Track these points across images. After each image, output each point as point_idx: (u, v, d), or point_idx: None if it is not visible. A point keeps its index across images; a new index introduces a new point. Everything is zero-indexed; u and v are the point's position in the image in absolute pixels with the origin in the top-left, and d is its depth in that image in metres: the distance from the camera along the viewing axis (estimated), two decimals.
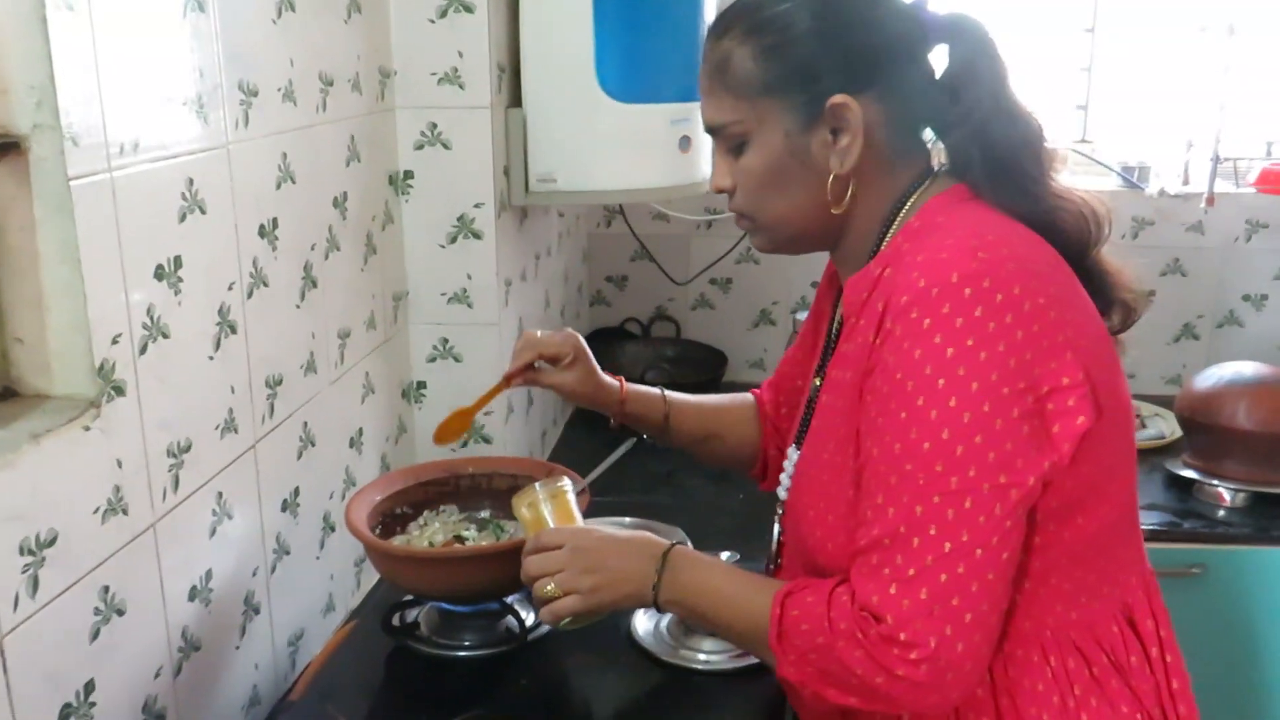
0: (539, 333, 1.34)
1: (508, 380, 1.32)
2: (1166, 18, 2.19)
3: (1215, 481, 1.85)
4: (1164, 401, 2.13)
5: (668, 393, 1.37)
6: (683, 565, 1.04)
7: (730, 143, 1.03)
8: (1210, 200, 2.14)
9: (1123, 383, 0.98)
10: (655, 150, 1.66)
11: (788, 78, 0.99)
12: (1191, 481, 1.87)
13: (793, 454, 1.14)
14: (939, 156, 1.06)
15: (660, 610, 1.06)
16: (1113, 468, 0.96)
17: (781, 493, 1.15)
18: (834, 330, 1.14)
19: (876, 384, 0.91)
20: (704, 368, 2.34)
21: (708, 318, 2.45)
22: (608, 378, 1.35)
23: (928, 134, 1.06)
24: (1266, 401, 1.82)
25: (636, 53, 1.63)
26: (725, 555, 1.53)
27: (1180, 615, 1.06)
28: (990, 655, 0.89)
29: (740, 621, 1.00)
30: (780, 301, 2.41)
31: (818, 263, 2.37)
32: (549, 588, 1.05)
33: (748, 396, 1.40)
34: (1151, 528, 1.75)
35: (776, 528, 1.16)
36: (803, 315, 1.97)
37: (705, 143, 1.76)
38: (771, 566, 1.18)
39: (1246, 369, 1.89)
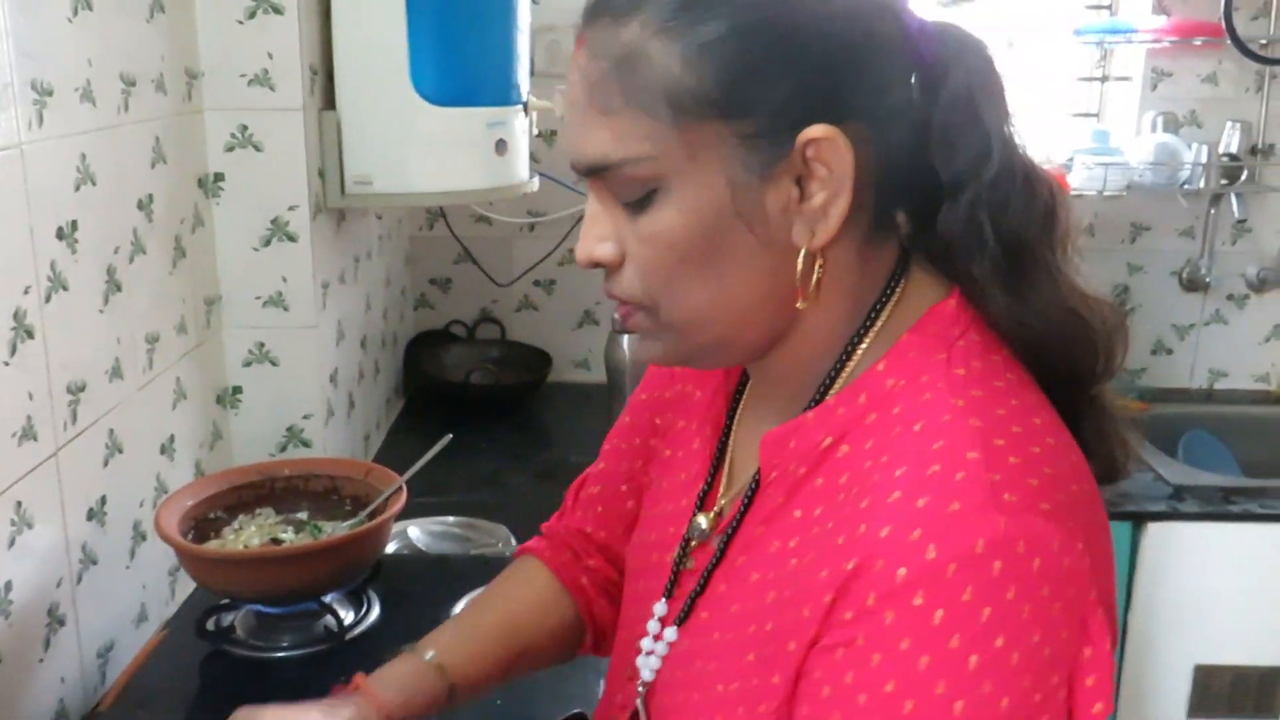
0: None
1: None
2: None
3: None
4: None
5: (429, 652, 0.91)
6: None
7: (626, 190, 0.67)
8: None
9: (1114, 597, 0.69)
10: (472, 153, 1.69)
11: (743, 92, 0.64)
12: None
13: (669, 633, 0.79)
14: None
15: None
16: None
17: (646, 673, 0.80)
18: (728, 464, 0.82)
19: (846, 680, 0.61)
20: (529, 368, 2.37)
21: (532, 319, 2.48)
22: (347, 711, 0.85)
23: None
24: None
25: (451, 56, 1.65)
26: None
27: None
28: None
29: None
30: (602, 302, 2.46)
31: None
32: None
33: (523, 567, 1.01)
34: None
35: (639, 708, 0.81)
36: None
37: (522, 146, 1.80)
38: None
39: None
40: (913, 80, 0.68)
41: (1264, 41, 2.28)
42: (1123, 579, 1.96)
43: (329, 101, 1.64)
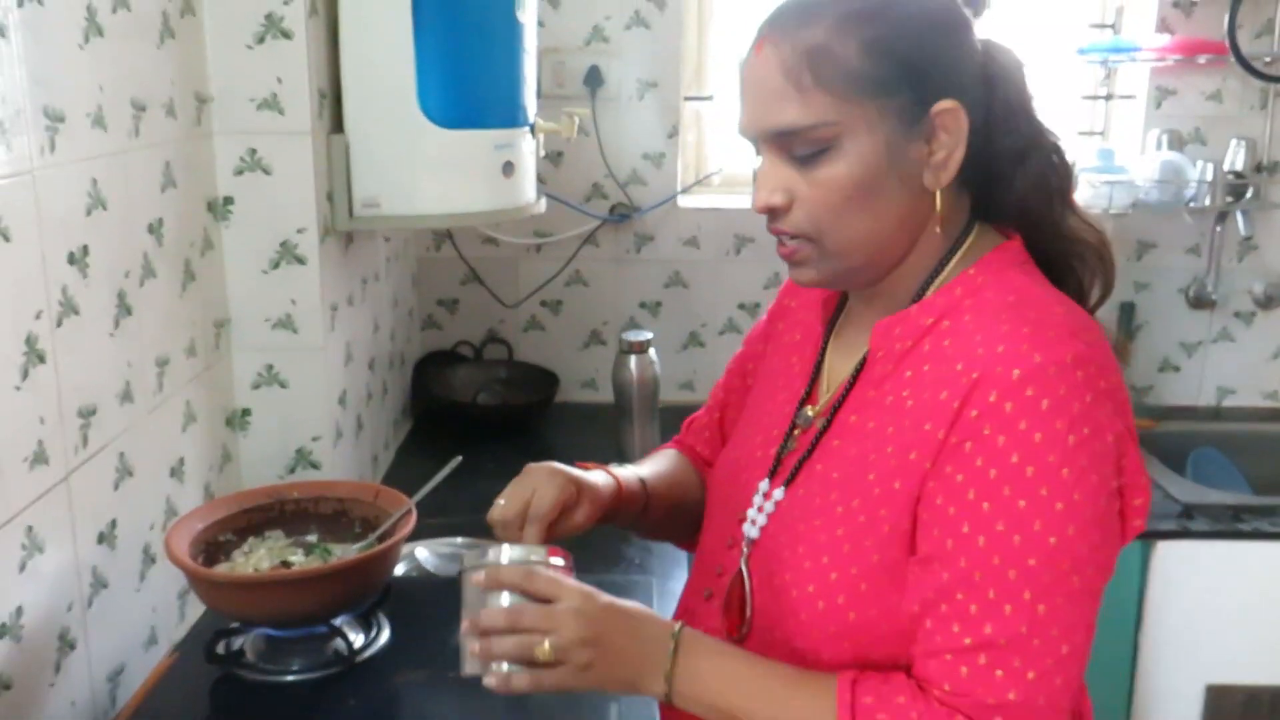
0: (502, 502, 1.03)
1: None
2: None
3: None
4: None
5: (631, 469, 1.15)
6: (700, 651, 0.91)
7: (804, 149, 0.89)
8: None
9: None
10: (479, 175, 1.70)
11: (896, 75, 0.87)
12: None
13: (777, 493, 0.98)
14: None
15: (670, 702, 0.91)
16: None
17: (753, 532, 0.99)
18: (828, 363, 1.03)
19: (977, 464, 0.83)
20: (536, 389, 2.37)
21: (539, 339, 2.49)
22: (598, 475, 1.10)
23: None
24: None
25: (458, 79, 1.66)
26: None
27: None
28: None
29: (785, 714, 0.88)
30: (610, 322, 2.47)
31: (645, 283, 2.45)
32: (544, 647, 0.88)
33: (673, 451, 1.25)
34: None
35: (742, 568, 0.99)
36: (632, 335, 2.04)
37: (529, 167, 1.81)
38: (714, 603, 1.03)
39: None
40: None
41: (1268, 59, 2.28)
42: (1133, 598, 1.95)
43: (337, 125, 1.65)
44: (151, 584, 1.37)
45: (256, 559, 1.31)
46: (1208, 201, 2.31)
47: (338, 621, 1.28)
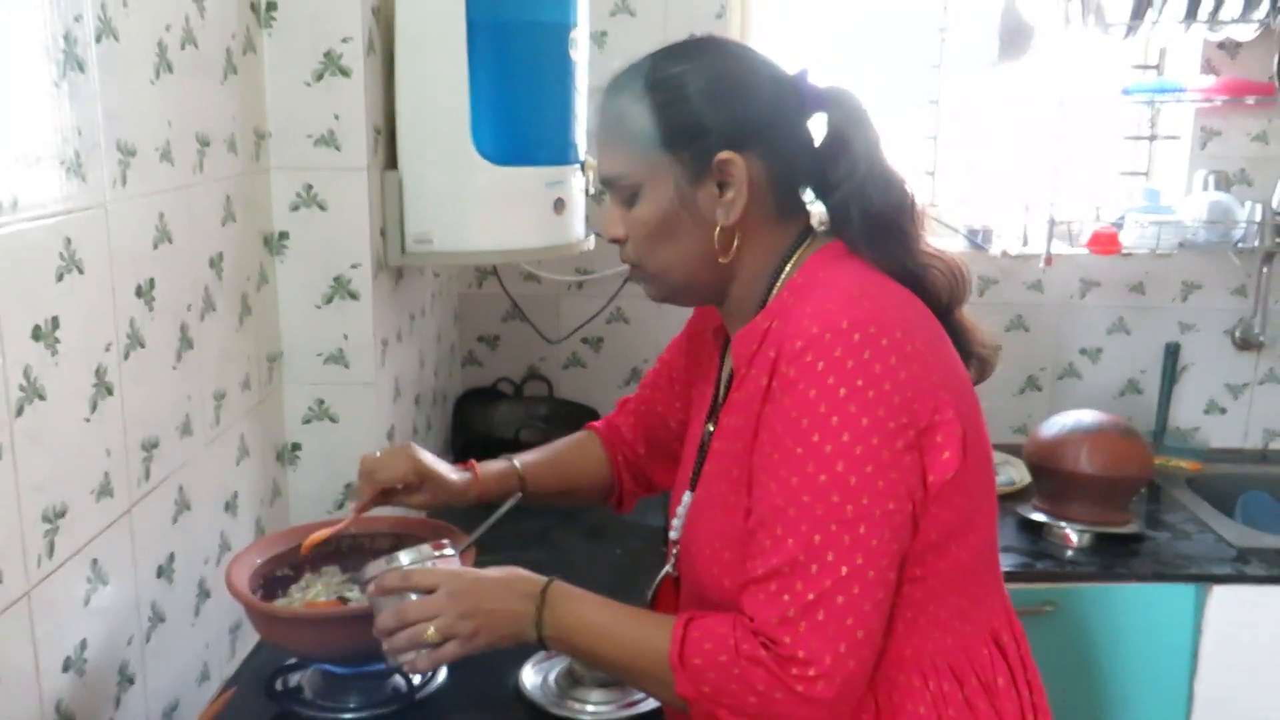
0: (377, 454, 1.30)
1: (358, 513, 1.29)
2: (1003, 92, 2.35)
3: (1062, 524, 1.96)
4: (1013, 450, 2.24)
5: (517, 460, 1.37)
6: (561, 600, 1.05)
7: (623, 194, 1.08)
8: (1048, 260, 2.29)
9: (984, 426, 1.07)
10: (530, 211, 1.70)
11: (679, 134, 1.04)
12: (1041, 524, 1.98)
13: (686, 497, 1.16)
14: (818, 217, 1.13)
15: (545, 647, 1.06)
16: (980, 501, 1.05)
17: (674, 534, 1.17)
18: (722, 381, 1.18)
19: (772, 423, 0.98)
20: (576, 426, 2.33)
21: (580, 376, 2.48)
22: (457, 473, 1.32)
23: (809, 196, 1.12)
24: (1105, 447, 1.95)
25: (511, 117, 1.66)
26: None
27: (1034, 650, 1.14)
28: (874, 670, 0.98)
29: (629, 651, 1.03)
30: (650, 359, 2.45)
31: (686, 321, 2.44)
32: (429, 632, 1.03)
33: (586, 435, 1.44)
34: (1005, 569, 1.83)
35: (668, 568, 1.18)
36: None
37: (578, 204, 1.81)
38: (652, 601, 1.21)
39: (1086, 417, 2.02)
40: (807, 123, 1.10)
41: None
42: (1188, 644, 1.91)
43: (391, 161, 1.66)
44: (206, 619, 1.36)
45: (313, 595, 1.30)
46: (1256, 243, 2.30)
47: None
